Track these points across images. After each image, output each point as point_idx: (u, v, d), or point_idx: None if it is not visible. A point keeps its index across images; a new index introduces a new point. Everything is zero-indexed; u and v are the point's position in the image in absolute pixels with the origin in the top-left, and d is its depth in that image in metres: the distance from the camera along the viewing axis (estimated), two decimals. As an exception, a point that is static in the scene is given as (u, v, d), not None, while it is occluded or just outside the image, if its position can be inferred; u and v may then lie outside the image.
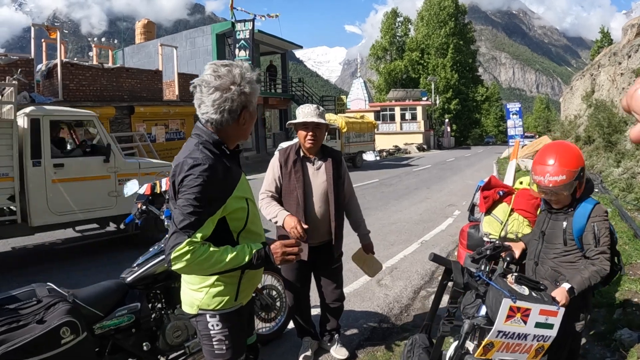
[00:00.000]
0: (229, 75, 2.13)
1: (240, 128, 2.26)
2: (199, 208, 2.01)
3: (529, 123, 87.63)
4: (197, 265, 2.01)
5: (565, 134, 27.04)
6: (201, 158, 2.09)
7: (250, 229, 2.29)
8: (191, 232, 1.99)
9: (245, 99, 2.19)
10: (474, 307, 2.79)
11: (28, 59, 16.66)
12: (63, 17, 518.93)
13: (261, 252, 2.13)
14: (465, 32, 72.74)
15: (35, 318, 2.51)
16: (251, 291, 2.45)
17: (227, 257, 2.04)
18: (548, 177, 2.78)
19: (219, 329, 2.27)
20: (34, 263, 7.36)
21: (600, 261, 2.77)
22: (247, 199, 2.27)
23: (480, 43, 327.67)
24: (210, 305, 2.25)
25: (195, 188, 2.03)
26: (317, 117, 3.72)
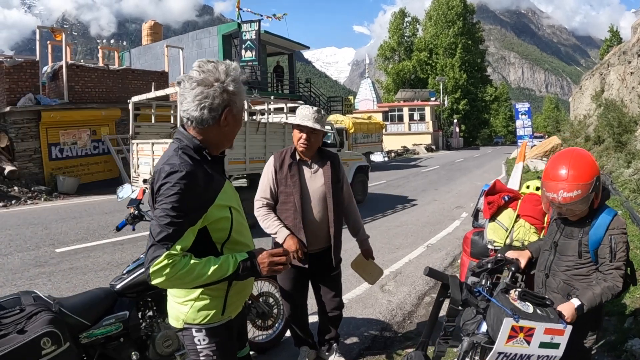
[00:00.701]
0: (214, 71, 2.02)
1: (221, 131, 2.10)
2: (176, 218, 1.88)
3: (538, 123, 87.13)
4: (178, 279, 1.87)
5: (574, 134, 26.77)
6: (179, 164, 1.95)
7: (236, 239, 2.15)
8: (170, 244, 1.86)
9: (228, 97, 2.05)
10: (474, 323, 2.63)
11: (33, 61, 16.71)
12: (72, 19, 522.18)
13: (247, 263, 1.99)
14: (473, 31, 72.37)
15: (17, 328, 2.45)
16: (241, 304, 2.31)
17: (209, 269, 1.90)
18: (562, 195, 2.54)
19: (206, 344, 2.14)
20: (36, 265, 7.28)
21: (613, 277, 2.56)
22: (232, 208, 2.12)
23: (489, 43, 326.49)
24: (195, 319, 2.12)
25: (173, 197, 1.89)
26: (313, 121, 3.55)
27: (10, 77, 15.77)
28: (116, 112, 18.41)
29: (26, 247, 8.43)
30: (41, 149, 16.36)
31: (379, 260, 7.41)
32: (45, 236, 9.29)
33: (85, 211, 12.33)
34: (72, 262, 7.47)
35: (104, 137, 18.08)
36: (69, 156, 17.17)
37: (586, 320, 2.66)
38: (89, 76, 18.18)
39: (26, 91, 15.97)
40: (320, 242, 3.71)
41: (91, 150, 17.86)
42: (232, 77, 2.06)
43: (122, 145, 18.44)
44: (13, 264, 7.38)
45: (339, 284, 3.97)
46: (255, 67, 27.38)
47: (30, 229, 9.95)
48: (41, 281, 6.50)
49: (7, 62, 15.90)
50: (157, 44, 29.05)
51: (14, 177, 15.14)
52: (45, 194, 15.03)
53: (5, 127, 15.89)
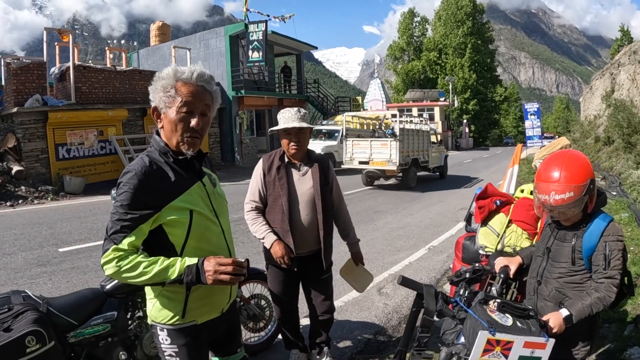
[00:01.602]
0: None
1: (163, 129, 2.17)
2: (124, 215, 1.96)
3: (548, 123, 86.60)
4: (124, 274, 1.94)
5: (584, 135, 26.58)
6: (133, 165, 2.06)
7: (196, 245, 2.13)
8: (118, 239, 1.95)
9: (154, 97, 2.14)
10: (453, 333, 2.56)
11: (41, 62, 16.82)
12: (83, 19, 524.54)
13: (192, 268, 1.96)
14: (483, 31, 71.96)
15: (3, 326, 2.51)
16: (209, 310, 2.26)
17: (153, 269, 1.94)
18: (554, 196, 2.47)
19: (168, 344, 2.18)
20: (38, 264, 7.33)
21: (605, 287, 2.48)
22: (193, 211, 2.11)
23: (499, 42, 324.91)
24: (157, 318, 2.19)
25: (122, 195, 1.99)
26: (299, 120, 3.55)
27: (17, 79, 15.88)
28: (123, 113, 18.51)
29: (30, 246, 8.50)
30: (48, 149, 16.47)
31: (379, 262, 7.44)
32: (50, 236, 9.36)
33: (90, 211, 12.39)
34: (73, 261, 7.51)
35: (111, 137, 18.18)
36: (76, 156, 17.27)
37: (578, 330, 2.59)
38: (96, 77, 18.29)
39: (33, 92, 16.08)
40: (309, 245, 3.70)
41: (98, 151, 17.96)
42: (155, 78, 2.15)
43: (129, 145, 18.54)
44: (16, 263, 7.45)
45: (329, 287, 3.95)
46: (262, 68, 27.39)
47: (35, 229, 10.03)
48: (42, 280, 6.55)
49: (14, 64, 16.02)
50: (165, 44, 29.10)
51: (21, 177, 15.26)
52: (52, 193, 15.13)
53: (13, 128, 16.01)
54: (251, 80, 27.50)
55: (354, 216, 4.14)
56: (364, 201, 13.79)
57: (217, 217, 2.25)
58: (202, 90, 2.12)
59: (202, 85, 2.12)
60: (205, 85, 2.14)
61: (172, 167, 2.12)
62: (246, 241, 8.57)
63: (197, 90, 2.10)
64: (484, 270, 2.79)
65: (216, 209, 2.25)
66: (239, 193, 15.13)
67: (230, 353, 2.48)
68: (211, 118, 2.23)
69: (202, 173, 2.26)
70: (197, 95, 2.10)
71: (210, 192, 2.25)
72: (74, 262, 7.46)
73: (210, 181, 2.30)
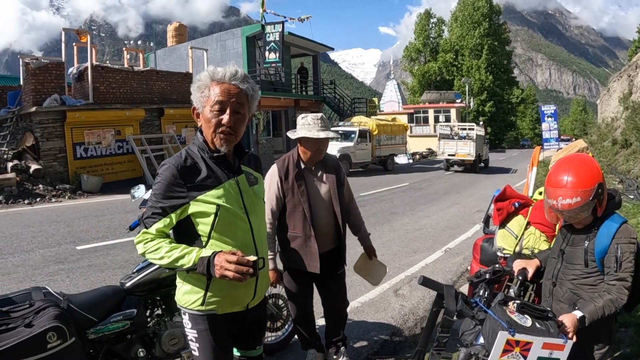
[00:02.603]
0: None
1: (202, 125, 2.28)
2: (155, 203, 2.16)
3: (565, 126, 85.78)
4: (149, 255, 2.14)
5: (601, 137, 26.36)
6: (171, 158, 2.24)
7: (219, 238, 2.23)
8: (148, 224, 2.15)
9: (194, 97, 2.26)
10: (472, 334, 2.56)
11: (59, 63, 16.99)
12: (100, 20, 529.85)
13: (204, 260, 2.06)
14: (500, 32, 71.60)
15: (24, 321, 2.53)
16: (231, 303, 2.31)
17: (173, 254, 2.09)
18: (561, 201, 2.50)
19: (189, 328, 2.32)
20: (56, 262, 7.40)
21: (617, 289, 2.48)
22: (220, 206, 2.20)
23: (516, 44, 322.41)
24: (180, 301, 2.32)
25: (156, 185, 2.19)
26: (323, 129, 3.55)
27: (36, 78, 16.05)
28: (140, 113, 18.64)
29: (48, 244, 8.58)
30: (66, 148, 16.62)
31: (395, 263, 7.42)
32: (67, 234, 9.45)
33: (108, 210, 12.50)
34: (91, 259, 7.57)
35: (128, 137, 18.32)
36: (93, 155, 17.42)
37: (595, 333, 2.59)
38: (114, 77, 18.43)
39: (52, 92, 16.25)
40: (328, 245, 3.73)
41: (115, 150, 18.10)
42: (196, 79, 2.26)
43: (146, 145, 18.67)
44: (34, 260, 7.53)
45: (344, 283, 3.99)
46: (279, 69, 27.48)
47: (53, 227, 10.14)
48: (60, 277, 6.61)
49: (33, 64, 16.20)
50: (182, 45, 29.31)
51: (39, 175, 15.43)
52: (69, 192, 15.28)
53: (31, 127, 16.19)
54: (268, 81, 27.60)
55: (370, 217, 4.17)
56: (380, 203, 13.77)
57: (247, 214, 2.31)
58: (235, 89, 2.20)
59: (234, 84, 2.20)
60: (238, 83, 2.20)
61: (206, 163, 2.24)
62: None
63: (229, 89, 2.18)
64: (503, 271, 2.78)
65: (247, 207, 2.32)
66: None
67: (249, 348, 2.53)
68: (247, 115, 2.29)
69: (240, 171, 2.36)
70: (229, 94, 2.18)
71: (244, 190, 2.33)
72: (91, 260, 7.52)
73: (247, 180, 2.38)
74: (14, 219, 11.13)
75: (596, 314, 2.45)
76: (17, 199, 13.77)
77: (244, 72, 2.25)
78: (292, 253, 3.65)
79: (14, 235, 9.26)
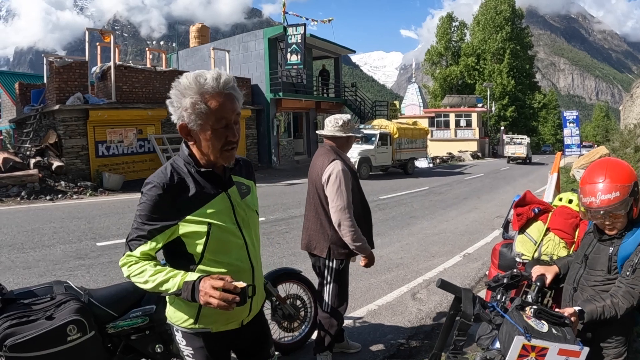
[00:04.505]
0: None
1: (194, 144, 2.07)
2: (141, 225, 1.98)
3: (587, 132, 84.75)
4: (134, 279, 1.97)
5: (624, 144, 25.89)
6: (155, 176, 2.02)
7: (213, 259, 2.06)
8: (133, 246, 1.99)
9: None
10: (489, 338, 2.56)
11: (83, 62, 17.25)
12: (123, 20, 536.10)
13: (189, 285, 1.87)
14: (522, 36, 70.97)
15: (45, 314, 2.60)
16: (225, 321, 2.16)
17: (157, 279, 1.92)
18: (600, 197, 2.46)
19: (185, 345, 2.17)
20: (76, 257, 7.50)
21: (622, 293, 2.45)
22: (211, 224, 2.03)
23: (538, 48, 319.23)
24: (172, 318, 2.17)
25: (141, 206, 1.99)
26: (351, 128, 3.97)
27: (60, 77, 16.33)
28: (162, 112, 18.81)
29: (69, 239, 8.72)
30: (88, 146, 16.88)
31: (414, 267, 7.43)
32: (88, 230, 9.58)
33: (128, 207, 12.63)
34: (111, 256, 7.65)
35: (150, 136, 18.52)
36: (115, 154, 17.65)
37: (611, 340, 2.58)
38: (137, 77, 18.66)
39: (75, 90, 16.50)
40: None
41: (137, 149, 18.32)
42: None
43: (167, 144, 18.83)
44: (55, 255, 7.65)
45: None
46: (300, 71, 27.49)
47: (74, 223, 10.28)
48: (80, 273, 6.70)
49: (57, 63, 16.47)
50: (204, 46, 29.48)
51: (61, 172, 15.67)
52: (90, 189, 15.49)
53: (54, 125, 16.46)
54: (289, 82, 27.64)
55: (389, 220, 4.28)
56: (399, 206, 13.72)
57: (240, 229, 2.15)
58: (231, 99, 1.99)
59: (229, 93, 1.98)
60: (232, 92, 2.00)
61: (194, 178, 2.05)
62: (282, 242, 8.61)
63: (227, 101, 1.97)
64: (522, 276, 2.77)
65: (240, 222, 2.15)
66: (275, 195, 15.36)
67: (264, 358, 2.41)
68: (239, 123, 2.11)
69: (230, 183, 2.17)
70: (229, 106, 1.98)
71: (235, 204, 2.14)
72: (111, 257, 7.59)
73: (239, 191, 2.19)
74: (36, 215, 11.31)
75: (596, 312, 2.45)
76: (39, 195, 14.01)
77: (231, 76, 2.03)
78: None
79: (36, 230, 9.41)
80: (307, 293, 4.34)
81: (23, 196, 13.58)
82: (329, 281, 3.86)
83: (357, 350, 4.36)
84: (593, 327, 2.56)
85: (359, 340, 4.59)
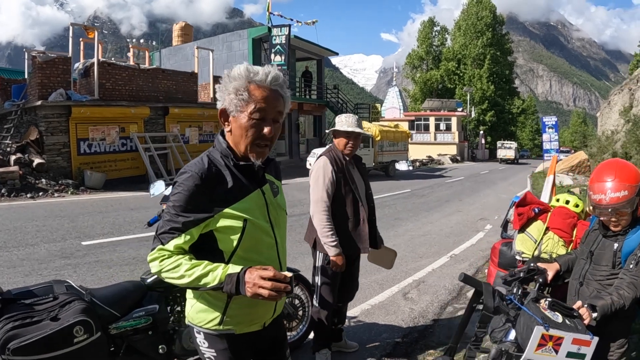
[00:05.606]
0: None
1: (231, 131, 2.03)
2: (175, 217, 1.89)
3: (565, 137, 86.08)
4: (166, 274, 1.88)
5: (601, 150, 26.42)
6: (191, 165, 1.96)
7: (245, 256, 1.99)
8: (165, 239, 1.90)
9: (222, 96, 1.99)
10: (502, 331, 2.68)
11: (66, 57, 16.99)
12: (104, 17, 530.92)
13: (233, 278, 1.80)
14: (502, 42, 71.71)
15: (50, 315, 2.49)
16: (249, 322, 2.10)
17: (195, 273, 1.84)
18: (610, 194, 2.63)
19: (207, 347, 2.09)
20: (62, 257, 7.39)
21: (627, 284, 2.60)
22: (247, 220, 1.96)
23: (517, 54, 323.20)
24: (194, 320, 2.09)
25: (175, 196, 1.91)
26: (359, 128, 3.99)
27: (42, 72, 16.04)
28: (145, 111, 18.66)
29: (52, 238, 8.58)
30: (70, 143, 16.58)
31: (403, 268, 7.48)
32: (72, 229, 9.45)
33: (112, 206, 12.50)
34: (97, 255, 7.57)
35: (133, 134, 18.33)
36: (97, 152, 17.42)
37: (614, 332, 2.71)
38: (120, 74, 18.44)
39: (58, 86, 16.23)
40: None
41: (119, 147, 18.10)
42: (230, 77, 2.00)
43: (150, 143, 18.67)
44: (39, 254, 7.51)
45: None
46: (284, 72, 27.42)
47: (57, 221, 10.14)
48: (67, 272, 6.58)
49: (40, 57, 16.20)
50: (188, 45, 29.32)
51: (42, 169, 15.42)
52: (72, 187, 15.26)
53: (36, 121, 16.19)
54: (272, 83, 27.63)
55: None
56: (383, 208, 13.77)
57: (272, 228, 2.10)
58: (276, 96, 1.96)
59: (276, 90, 1.96)
60: (279, 89, 1.97)
61: (231, 172, 1.98)
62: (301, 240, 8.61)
63: (271, 95, 1.94)
64: (538, 270, 2.91)
65: (273, 220, 2.10)
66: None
67: None
68: (281, 124, 2.07)
69: (264, 180, 2.13)
70: (271, 101, 1.94)
71: (269, 202, 2.10)
72: (98, 256, 7.51)
73: (271, 190, 2.16)
74: (17, 212, 11.13)
75: (607, 306, 2.56)
76: (20, 192, 13.76)
77: (284, 77, 2.02)
78: (341, 239, 3.85)
79: (18, 228, 9.26)
80: (304, 292, 4.34)
81: (3, 193, 13.33)
82: (318, 272, 3.94)
83: (355, 350, 4.41)
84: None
85: (355, 339, 4.63)
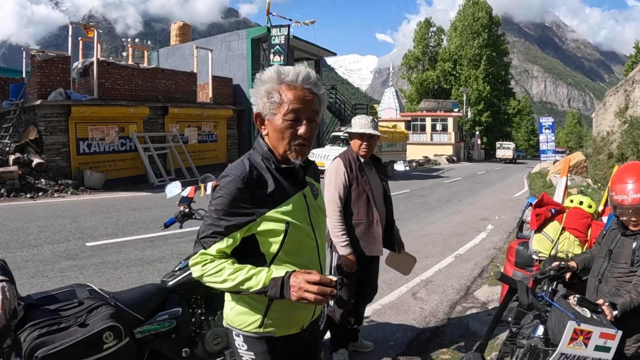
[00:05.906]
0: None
1: (268, 134, 2.03)
2: (217, 221, 1.89)
3: (560, 138, 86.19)
4: (208, 278, 1.88)
5: (597, 150, 26.49)
6: (233, 168, 1.96)
7: (288, 259, 1.99)
8: (207, 244, 1.89)
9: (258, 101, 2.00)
10: (530, 327, 2.78)
11: (65, 56, 16.93)
12: (98, 16, 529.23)
13: (278, 282, 1.80)
14: (498, 43, 71.95)
15: (78, 321, 2.43)
16: (289, 325, 2.08)
17: (238, 278, 1.83)
18: (632, 195, 2.77)
19: (245, 350, 2.07)
20: (67, 258, 7.36)
21: None
22: (290, 223, 1.96)
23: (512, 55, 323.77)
24: (233, 322, 2.08)
25: (217, 200, 1.91)
26: (373, 129, 3.97)
27: (42, 71, 15.98)
28: (145, 110, 18.65)
29: (56, 239, 8.54)
30: (69, 143, 16.58)
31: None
32: (75, 229, 9.41)
33: (113, 207, 12.48)
34: (103, 256, 7.54)
35: (132, 134, 18.32)
36: (97, 151, 17.40)
37: (630, 326, 2.78)
38: (119, 74, 18.43)
39: (57, 85, 16.18)
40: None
41: (118, 147, 18.09)
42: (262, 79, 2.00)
43: (149, 143, 18.64)
44: (43, 255, 7.47)
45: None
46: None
47: (59, 222, 10.10)
48: (73, 274, 6.52)
49: (39, 56, 16.14)
50: (186, 44, 29.26)
51: (41, 169, 15.38)
52: (71, 187, 15.25)
53: (35, 120, 16.14)
54: (271, 84, 27.64)
55: None
56: (383, 208, 13.81)
57: (313, 231, 2.10)
58: (309, 94, 1.94)
59: (308, 89, 1.94)
60: (312, 88, 1.95)
61: (273, 175, 1.98)
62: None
63: (303, 95, 1.93)
64: (568, 268, 3.07)
65: (314, 223, 2.10)
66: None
67: None
68: (319, 122, 2.05)
69: (305, 183, 2.12)
70: (304, 101, 1.93)
71: (310, 204, 2.10)
72: (103, 257, 7.47)
73: (312, 192, 2.15)
74: (18, 213, 11.08)
75: (627, 304, 2.67)
76: (19, 192, 13.72)
77: (316, 75, 2.00)
78: (354, 239, 3.89)
79: (20, 229, 9.21)
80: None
81: (3, 194, 13.28)
82: (334, 272, 3.95)
83: (371, 349, 4.45)
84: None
85: (370, 339, 4.66)
